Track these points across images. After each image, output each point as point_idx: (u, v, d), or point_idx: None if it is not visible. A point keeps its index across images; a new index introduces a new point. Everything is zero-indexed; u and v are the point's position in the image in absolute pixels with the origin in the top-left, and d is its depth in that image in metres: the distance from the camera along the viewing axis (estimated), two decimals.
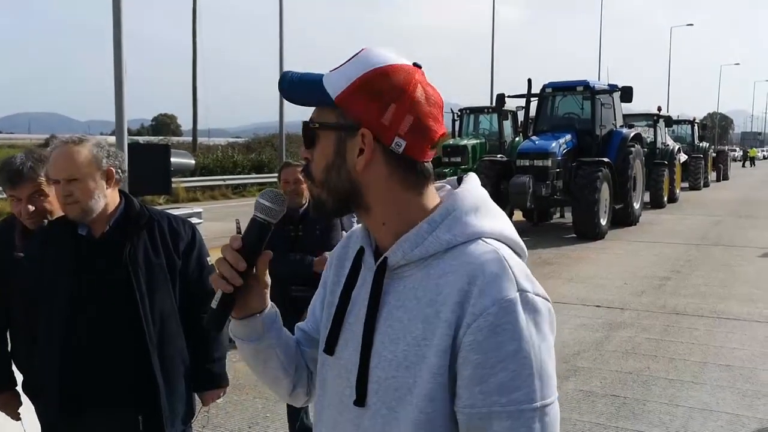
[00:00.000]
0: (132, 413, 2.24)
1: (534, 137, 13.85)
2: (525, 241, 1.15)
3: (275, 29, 25.79)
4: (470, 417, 0.97)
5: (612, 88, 14.54)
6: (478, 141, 18.35)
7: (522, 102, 15.10)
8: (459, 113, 19.33)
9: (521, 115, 16.17)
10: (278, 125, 25.58)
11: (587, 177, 12.54)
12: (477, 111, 19.89)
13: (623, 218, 14.08)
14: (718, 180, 32.58)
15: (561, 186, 13.20)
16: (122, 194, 2.30)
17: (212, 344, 2.45)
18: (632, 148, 14.12)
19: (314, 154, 1.08)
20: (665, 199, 18.68)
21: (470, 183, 1.12)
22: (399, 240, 1.05)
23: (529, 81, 14.51)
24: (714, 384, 4.98)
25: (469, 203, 1.06)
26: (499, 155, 15.38)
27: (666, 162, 18.94)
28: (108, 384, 2.19)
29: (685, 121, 27.94)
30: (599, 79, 19.26)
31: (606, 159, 13.16)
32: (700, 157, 25.98)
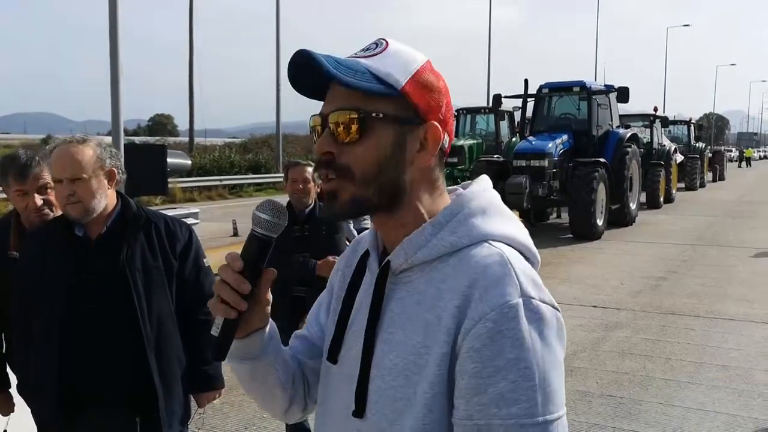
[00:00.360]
0: (130, 414, 2.24)
1: (531, 138, 13.84)
2: None
3: (273, 29, 25.79)
4: (467, 430, 0.91)
5: (608, 89, 14.57)
6: (475, 141, 18.38)
7: (519, 102, 15.10)
8: (456, 113, 19.38)
9: (518, 116, 16.18)
10: (275, 125, 25.59)
11: (584, 177, 12.55)
12: (474, 111, 19.93)
13: (620, 219, 14.10)
14: (714, 180, 32.61)
15: (557, 186, 13.21)
16: (119, 195, 2.30)
17: (208, 346, 2.44)
18: (629, 149, 14.16)
19: (357, 148, 0.97)
20: (661, 200, 18.69)
21: (479, 185, 1.07)
22: (402, 242, 1.00)
23: (526, 81, 14.51)
24: (710, 384, 4.99)
25: (476, 205, 1.01)
26: (496, 156, 15.39)
27: (662, 162, 18.95)
28: (106, 384, 2.19)
29: (682, 122, 27.98)
30: (596, 80, 19.29)
31: (602, 159, 13.18)
32: (697, 158, 26.02)
